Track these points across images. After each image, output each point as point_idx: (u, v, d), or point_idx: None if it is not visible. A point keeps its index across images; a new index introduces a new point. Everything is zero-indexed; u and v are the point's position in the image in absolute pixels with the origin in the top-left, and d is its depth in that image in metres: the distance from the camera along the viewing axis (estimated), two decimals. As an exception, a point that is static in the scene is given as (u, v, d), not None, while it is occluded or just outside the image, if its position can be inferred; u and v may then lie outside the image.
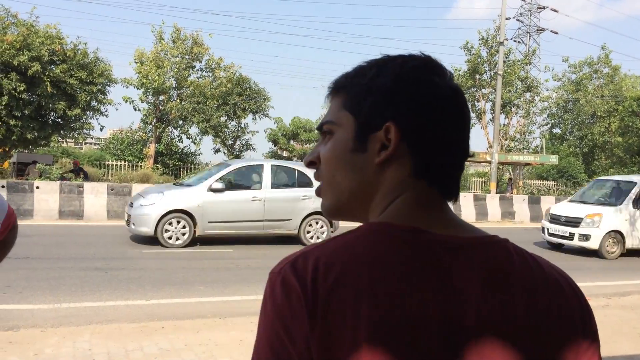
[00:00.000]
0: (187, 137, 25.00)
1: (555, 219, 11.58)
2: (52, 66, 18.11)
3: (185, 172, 23.13)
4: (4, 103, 16.91)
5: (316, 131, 0.77)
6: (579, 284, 0.71)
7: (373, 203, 0.71)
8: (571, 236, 11.03)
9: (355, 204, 0.73)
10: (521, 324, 0.63)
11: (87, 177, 17.73)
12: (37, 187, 12.18)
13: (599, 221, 10.78)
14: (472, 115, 27.91)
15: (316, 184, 0.79)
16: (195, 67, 23.95)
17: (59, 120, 19.19)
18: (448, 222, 0.69)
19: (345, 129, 0.72)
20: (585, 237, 10.79)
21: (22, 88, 16.89)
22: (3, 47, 16.59)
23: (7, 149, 19.13)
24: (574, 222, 11.07)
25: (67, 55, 18.08)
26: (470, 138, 0.73)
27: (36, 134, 18.21)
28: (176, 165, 24.56)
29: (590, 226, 10.82)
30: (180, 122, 23.86)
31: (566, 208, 11.74)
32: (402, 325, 0.59)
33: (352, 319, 0.59)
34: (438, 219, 0.69)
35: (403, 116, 0.68)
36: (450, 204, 0.72)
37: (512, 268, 0.66)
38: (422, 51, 0.74)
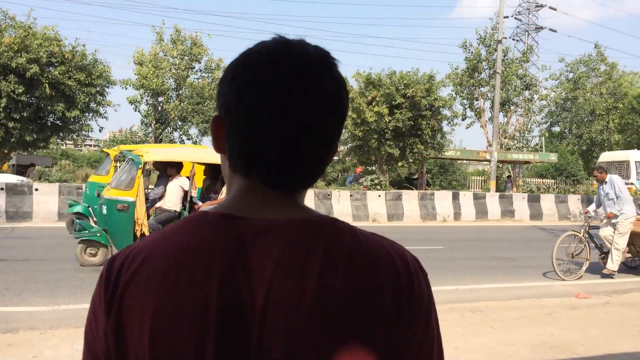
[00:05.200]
0: (188, 139, 24.99)
1: None
2: (50, 68, 18.09)
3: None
4: (2, 105, 16.89)
5: None
6: (579, 281, 0.69)
7: None
8: None
9: None
10: (318, 303, 0.61)
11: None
12: (36, 189, 12.13)
13: None
14: (471, 113, 27.80)
15: None
16: (194, 68, 23.95)
17: (58, 122, 19.16)
18: (270, 206, 0.68)
19: None
20: None
21: (20, 90, 16.87)
22: (1, 50, 16.58)
23: (6, 152, 19.12)
24: None
25: (66, 57, 18.06)
26: (316, 127, 0.66)
27: (35, 136, 18.18)
28: (176, 167, 24.48)
29: None
30: (180, 123, 23.85)
31: None
32: (185, 311, 0.60)
33: (140, 311, 0.61)
34: (258, 205, 0.68)
35: (219, 109, 0.69)
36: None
37: (318, 248, 0.64)
38: (281, 34, 0.70)
